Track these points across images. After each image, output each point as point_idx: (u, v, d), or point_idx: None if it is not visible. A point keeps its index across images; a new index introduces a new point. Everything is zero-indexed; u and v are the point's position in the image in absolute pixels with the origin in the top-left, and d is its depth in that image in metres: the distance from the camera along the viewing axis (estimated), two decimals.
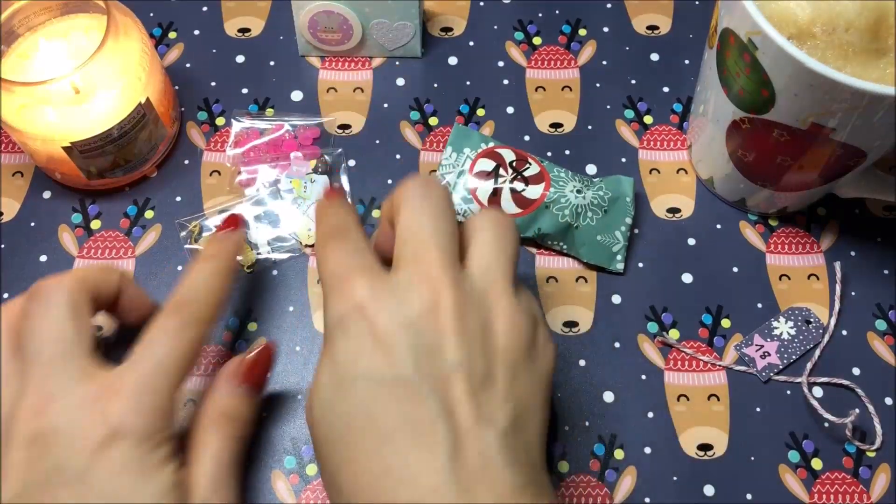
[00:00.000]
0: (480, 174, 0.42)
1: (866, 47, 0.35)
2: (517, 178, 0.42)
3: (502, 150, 0.43)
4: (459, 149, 0.44)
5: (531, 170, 0.42)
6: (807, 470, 0.39)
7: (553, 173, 0.42)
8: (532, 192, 0.42)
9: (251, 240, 0.44)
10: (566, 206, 0.41)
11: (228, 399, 0.34)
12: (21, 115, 0.40)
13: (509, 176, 0.42)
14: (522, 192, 0.42)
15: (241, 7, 0.52)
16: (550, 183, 0.42)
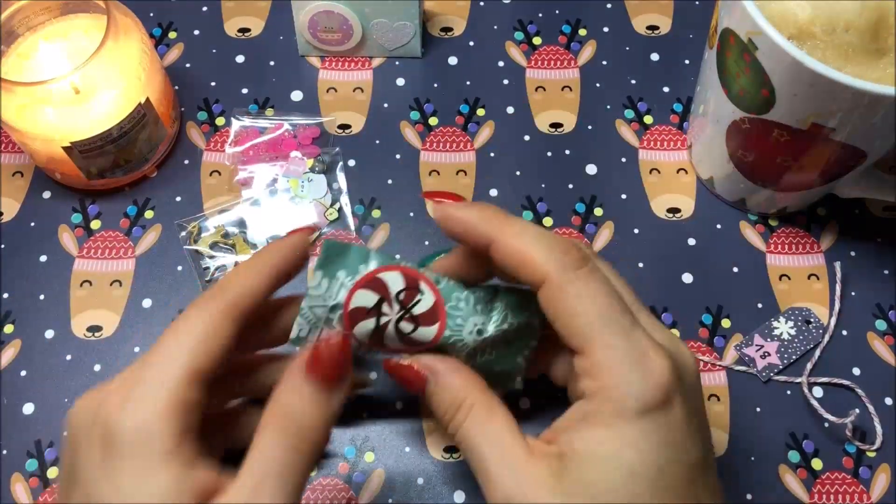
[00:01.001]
0: (358, 311, 0.32)
1: (866, 47, 0.35)
2: (405, 318, 0.32)
3: (387, 273, 0.32)
4: (332, 273, 0.32)
5: (423, 303, 0.32)
6: (807, 470, 0.39)
7: (451, 303, 0.32)
8: (423, 333, 0.32)
9: (250, 239, 0.44)
10: (462, 349, 0.32)
11: (291, 395, 0.28)
12: (21, 115, 0.40)
13: (395, 315, 0.32)
14: (411, 333, 0.32)
15: (241, 7, 0.52)
16: (446, 322, 0.32)
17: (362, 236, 0.45)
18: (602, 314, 0.28)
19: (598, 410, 0.27)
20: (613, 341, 0.27)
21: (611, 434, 0.27)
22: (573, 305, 0.28)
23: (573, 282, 0.28)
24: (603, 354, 0.27)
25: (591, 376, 0.27)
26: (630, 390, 0.27)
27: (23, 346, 0.41)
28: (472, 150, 0.47)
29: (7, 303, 0.42)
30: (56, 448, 0.39)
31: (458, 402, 0.30)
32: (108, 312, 0.42)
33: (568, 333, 0.28)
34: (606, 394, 0.27)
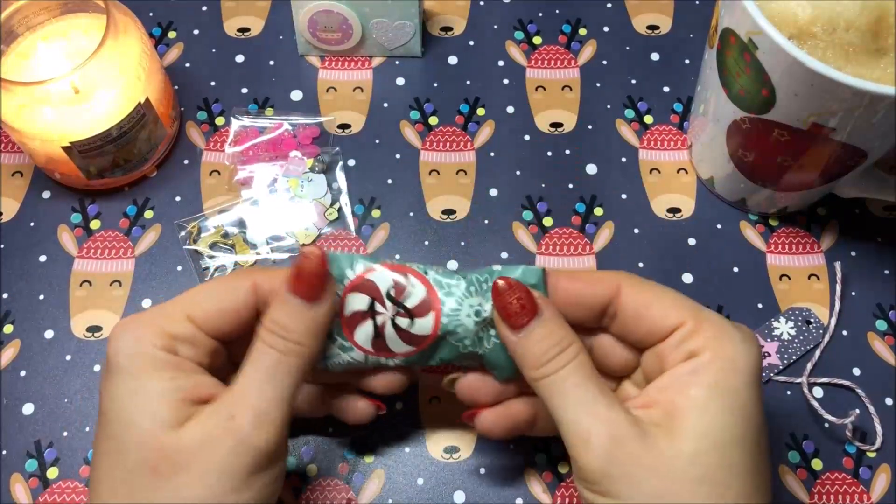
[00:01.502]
0: (354, 316, 0.32)
1: (867, 47, 0.35)
2: (400, 313, 0.32)
3: (374, 273, 0.32)
4: None
5: (414, 296, 0.32)
6: (807, 470, 0.39)
7: (443, 290, 0.32)
8: (421, 326, 0.32)
9: (249, 239, 0.44)
10: (465, 335, 0.32)
11: (277, 311, 0.30)
12: (20, 114, 0.40)
13: (389, 312, 0.32)
14: (410, 328, 0.32)
15: (240, 7, 0.52)
16: (441, 309, 0.32)
17: (362, 236, 0.45)
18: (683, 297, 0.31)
19: (708, 361, 0.29)
20: (708, 311, 0.30)
21: (724, 378, 0.28)
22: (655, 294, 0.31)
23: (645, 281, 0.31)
24: (705, 320, 0.30)
25: (696, 336, 0.29)
26: (739, 347, 0.29)
27: (22, 346, 0.41)
28: (472, 150, 0.47)
29: (7, 303, 0.42)
30: (55, 448, 0.39)
31: (564, 345, 0.30)
32: (108, 312, 0.42)
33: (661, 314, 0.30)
34: (716, 347, 0.29)
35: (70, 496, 0.38)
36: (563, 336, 0.30)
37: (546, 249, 0.44)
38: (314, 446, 0.39)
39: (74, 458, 0.39)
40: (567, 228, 0.45)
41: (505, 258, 0.44)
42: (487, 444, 0.39)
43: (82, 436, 0.39)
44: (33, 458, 0.39)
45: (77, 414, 0.40)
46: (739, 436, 0.28)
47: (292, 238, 0.44)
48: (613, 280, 0.31)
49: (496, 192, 0.46)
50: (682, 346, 0.29)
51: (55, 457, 0.39)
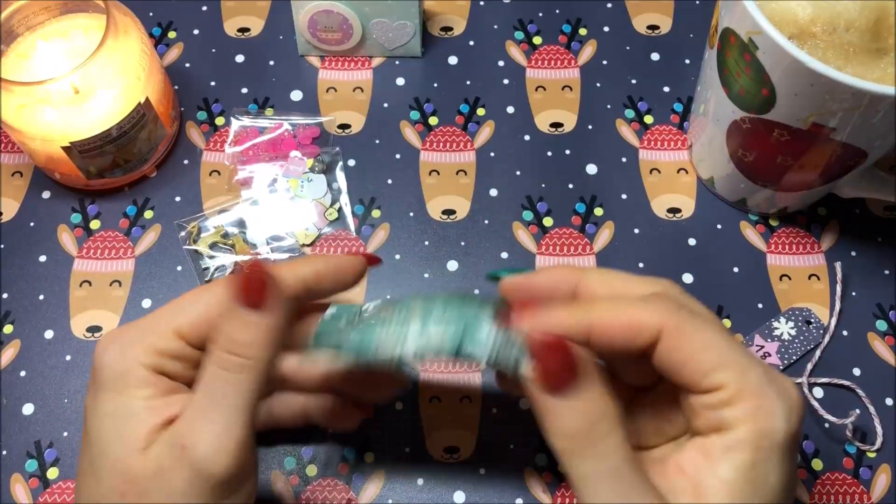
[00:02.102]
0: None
1: (867, 47, 0.35)
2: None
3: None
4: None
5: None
6: (807, 470, 0.39)
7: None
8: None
9: (249, 239, 0.44)
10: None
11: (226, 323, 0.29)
12: (20, 115, 0.40)
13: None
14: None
15: (240, 7, 0.52)
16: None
17: (362, 236, 0.45)
18: (729, 345, 0.27)
19: (743, 440, 0.26)
20: (752, 369, 0.27)
21: (759, 459, 0.26)
22: (700, 344, 0.27)
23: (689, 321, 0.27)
24: (746, 382, 0.26)
25: (735, 405, 0.27)
26: (780, 420, 0.26)
27: (22, 346, 0.41)
28: (472, 150, 0.47)
29: (7, 303, 0.42)
30: (55, 449, 0.39)
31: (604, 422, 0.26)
32: (108, 312, 0.42)
33: (700, 371, 0.27)
34: (754, 421, 0.26)
35: (70, 496, 0.38)
36: (604, 411, 0.26)
37: (546, 249, 0.44)
38: (314, 446, 0.39)
39: (74, 458, 0.39)
40: (567, 228, 0.45)
41: (505, 258, 0.44)
42: (487, 444, 0.39)
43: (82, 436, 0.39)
44: (33, 458, 0.39)
45: (77, 414, 0.40)
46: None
47: (292, 238, 0.44)
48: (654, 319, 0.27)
49: (496, 192, 0.46)
50: (716, 411, 0.27)
51: (55, 457, 0.39)
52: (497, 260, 0.44)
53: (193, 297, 0.30)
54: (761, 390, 0.27)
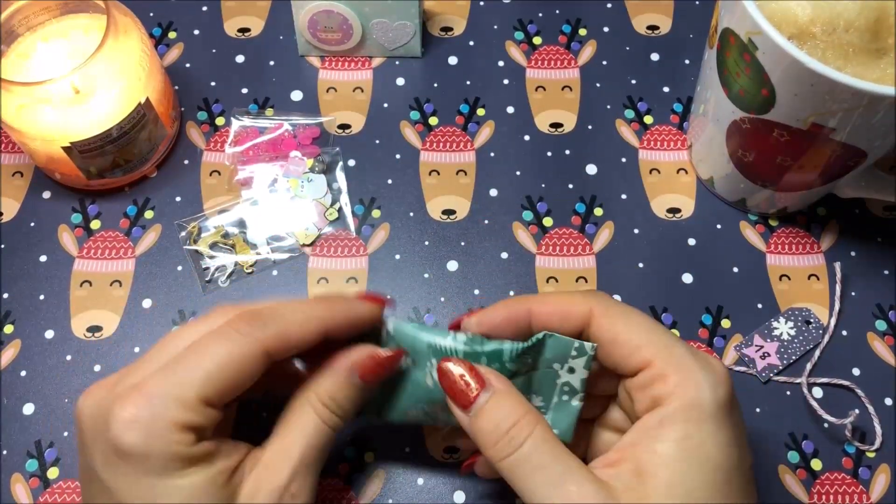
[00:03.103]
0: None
1: (866, 47, 0.35)
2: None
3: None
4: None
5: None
6: (806, 470, 0.39)
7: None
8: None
9: (250, 239, 0.44)
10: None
11: (340, 386, 0.31)
12: (21, 115, 0.40)
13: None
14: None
15: (241, 7, 0.52)
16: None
17: (362, 236, 0.45)
18: (653, 327, 0.30)
19: (674, 412, 0.28)
20: (676, 347, 0.29)
21: (691, 430, 0.27)
22: (625, 325, 0.30)
23: (611, 306, 0.30)
24: (670, 357, 0.29)
25: (661, 381, 0.28)
26: (705, 389, 0.28)
27: (23, 346, 0.41)
28: (472, 150, 0.47)
29: (7, 303, 0.42)
30: (56, 448, 0.39)
31: (516, 418, 0.29)
32: (108, 312, 0.42)
33: (626, 352, 0.29)
34: (682, 394, 0.28)
35: (70, 496, 0.38)
36: (515, 409, 0.29)
37: (546, 249, 0.44)
38: None
39: (75, 458, 0.39)
40: (567, 228, 0.45)
41: (505, 258, 0.44)
42: None
43: None
44: (34, 458, 0.39)
45: None
46: (710, 487, 0.27)
47: (292, 238, 0.44)
48: (585, 306, 0.30)
49: (496, 192, 0.46)
50: (647, 389, 0.29)
51: (55, 457, 0.39)
52: (497, 260, 0.44)
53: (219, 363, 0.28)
54: (686, 364, 0.28)
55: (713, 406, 0.28)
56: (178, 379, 0.28)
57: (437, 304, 0.43)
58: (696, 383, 0.28)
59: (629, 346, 0.29)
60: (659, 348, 0.29)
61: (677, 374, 0.28)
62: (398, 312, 0.43)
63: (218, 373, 0.28)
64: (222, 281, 0.43)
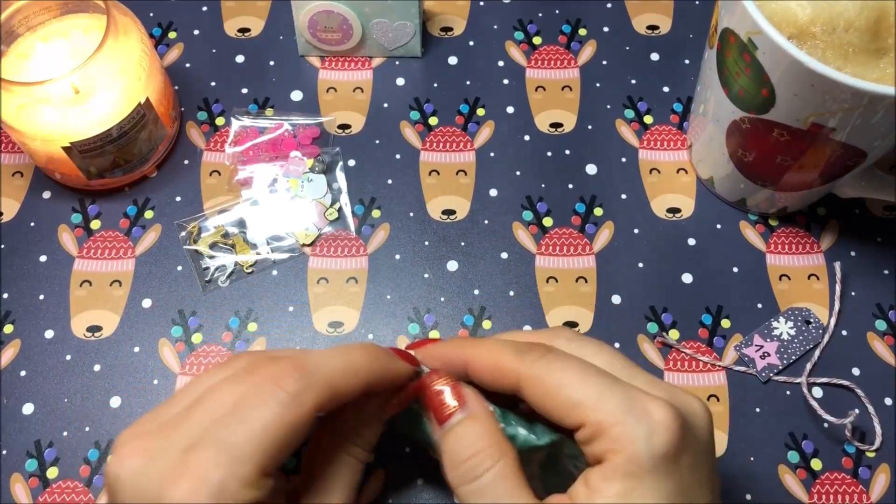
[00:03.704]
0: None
1: (866, 47, 0.35)
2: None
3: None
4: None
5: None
6: (806, 470, 0.39)
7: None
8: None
9: (250, 239, 0.44)
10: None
11: (372, 427, 0.31)
12: (21, 115, 0.40)
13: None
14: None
15: (241, 7, 0.52)
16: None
17: (362, 236, 0.45)
18: (584, 381, 0.28)
19: (613, 469, 0.27)
20: (609, 400, 0.28)
21: (629, 486, 0.27)
22: (559, 384, 0.28)
23: (541, 366, 0.29)
24: (606, 414, 0.27)
25: (599, 438, 0.27)
26: (640, 443, 0.27)
27: (23, 346, 0.41)
28: (472, 150, 0.47)
29: (7, 303, 0.42)
30: (55, 448, 0.39)
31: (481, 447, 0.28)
32: (108, 312, 0.42)
33: (562, 412, 0.28)
34: (619, 450, 0.27)
35: (70, 496, 0.38)
36: (484, 436, 0.29)
37: (546, 250, 0.44)
38: None
39: (74, 458, 0.39)
40: (567, 228, 0.45)
41: (505, 258, 0.44)
42: None
43: (82, 436, 0.39)
44: (33, 457, 0.39)
45: (77, 414, 0.40)
46: None
47: (292, 238, 0.44)
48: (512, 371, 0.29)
49: (496, 192, 0.46)
50: (588, 446, 0.28)
51: (55, 457, 0.39)
52: (497, 260, 0.44)
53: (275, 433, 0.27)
54: (619, 419, 0.27)
55: (649, 459, 0.27)
56: (234, 454, 0.26)
57: (437, 304, 0.43)
58: (630, 438, 0.27)
59: (562, 406, 0.28)
60: (592, 404, 0.28)
61: (613, 429, 0.27)
62: (398, 312, 0.43)
63: (273, 440, 0.26)
64: (222, 281, 0.43)
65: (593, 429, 0.27)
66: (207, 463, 0.25)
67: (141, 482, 0.26)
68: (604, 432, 0.27)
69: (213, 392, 0.28)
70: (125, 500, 0.26)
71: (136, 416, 0.40)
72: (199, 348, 0.41)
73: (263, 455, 0.26)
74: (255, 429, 0.26)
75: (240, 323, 0.42)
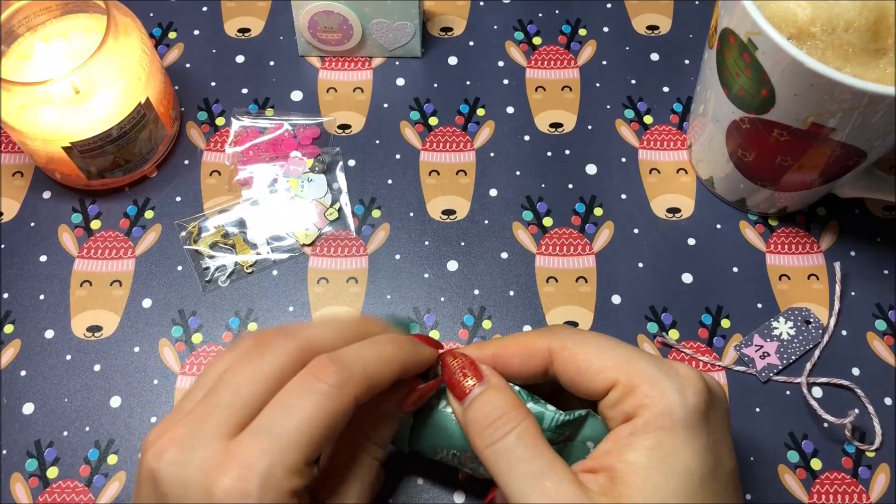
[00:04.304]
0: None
1: (866, 47, 0.35)
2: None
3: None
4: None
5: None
6: (806, 470, 0.39)
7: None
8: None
9: (250, 239, 0.44)
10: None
11: (388, 424, 0.32)
12: (21, 115, 0.40)
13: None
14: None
15: (241, 7, 0.52)
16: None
17: (362, 236, 0.45)
18: (613, 346, 0.30)
19: (645, 422, 0.28)
20: (638, 360, 0.29)
21: (662, 438, 0.27)
22: (585, 352, 0.30)
23: (569, 337, 0.30)
24: (634, 372, 0.29)
25: (629, 396, 0.28)
26: (673, 397, 0.28)
27: (23, 346, 0.41)
28: (472, 150, 0.47)
29: (7, 303, 0.42)
30: (55, 448, 0.39)
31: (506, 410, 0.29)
32: (108, 312, 0.42)
33: (593, 376, 0.29)
34: (651, 404, 0.28)
35: (70, 496, 0.38)
36: (505, 403, 0.29)
37: (546, 250, 0.44)
38: None
39: (74, 458, 0.39)
40: (567, 228, 0.45)
41: (505, 258, 0.44)
42: None
43: (82, 436, 0.39)
44: (33, 457, 0.39)
45: (77, 414, 0.40)
46: (683, 493, 0.27)
47: (292, 238, 0.44)
48: (543, 343, 0.31)
49: (496, 192, 0.46)
50: (618, 406, 0.29)
51: (55, 456, 0.39)
52: (497, 260, 0.44)
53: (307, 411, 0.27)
54: (651, 375, 0.28)
55: (683, 412, 0.28)
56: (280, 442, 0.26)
57: (437, 304, 0.43)
58: (663, 392, 0.28)
59: (593, 371, 0.29)
60: (622, 365, 0.29)
61: (644, 387, 0.28)
62: (398, 312, 0.43)
63: (316, 430, 0.27)
64: (222, 281, 0.43)
65: (624, 388, 0.29)
66: (253, 451, 0.26)
67: (182, 473, 0.26)
68: (635, 389, 0.28)
69: (231, 375, 0.28)
70: (170, 492, 0.26)
71: (137, 416, 0.40)
72: (199, 348, 0.42)
73: (308, 444, 0.27)
74: (300, 418, 0.27)
75: (240, 323, 0.42)
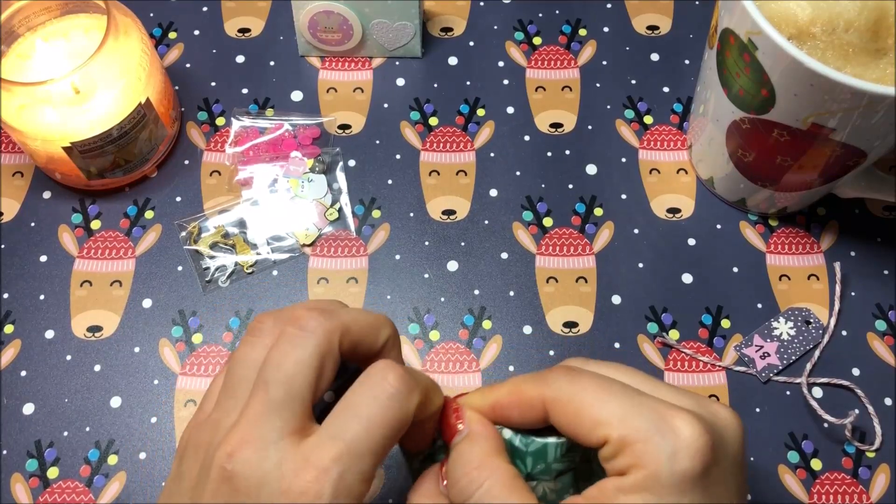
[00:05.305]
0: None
1: (866, 47, 0.35)
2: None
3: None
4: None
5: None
6: (806, 470, 0.39)
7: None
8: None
9: (250, 239, 0.44)
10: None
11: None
12: (21, 115, 0.40)
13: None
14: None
15: (241, 7, 0.52)
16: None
17: (362, 236, 0.45)
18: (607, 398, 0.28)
19: (632, 483, 0.27)
20: (635, 417, 0.27)
21: (648, 500, 0.26)
22: (581, 404, 0.28)
23: (563, 386, 0.29)
24: (630, 431, 0.27)
25: (622, 454, 0.27)
26: (662, 461, 0.26)
27: (23, 346, 0.41)
28: (472, 150, 0.47)
29: (7, 303, 0.42)
30: (56, 448, 0.39)
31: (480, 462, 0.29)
32: (108, 312, 0.42)
33: (586, 431, 0.28)
34: (641, 465, 0.27)
35: (70, 496, 0.38)
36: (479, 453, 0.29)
37: (546, 250, 0.44)
38: None
39: (74, 458, 0.39)
40: (567, 229, 0.45)
41: (505, 258, 0.44)
42: None
43: (82, 436, 0.39)
44: (33, 457, 0.39)
45: (77, 414, 0.40)
46: None
47: (293, 238, 0.44)
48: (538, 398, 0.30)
49: (496, 192, 0.46)
50: (610, 462, 0.28)
51: (55, 457, 0.39)
52: (497, 260, 0.44)
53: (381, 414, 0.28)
54: (644, 436, 0.27)
55: (670, 479, 0.26)
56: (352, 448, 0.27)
57: (437, 304, 0.43)
58: (654, 455, 0.27)
59: (585, 427, 0.28)
60: (615, 422, 0.28)
61: (637, 445, 0.27)
62: (398, 312, 0.43)
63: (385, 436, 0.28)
64: (222, 281, 0.43)
65: (616, 446, 0.27)
66: (327, 455, 0.27)
67: (258, 473, 0.27)
68: (626, 448, 0.27)
69: (274, 368, 0.28)
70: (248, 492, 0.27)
71: (137, 417, 0.40)
72: (199, 348, 0.42)
73: (378, 450, 0.27)
74: (371, 424, 0.27)
75: (240, 323, 0.42)
